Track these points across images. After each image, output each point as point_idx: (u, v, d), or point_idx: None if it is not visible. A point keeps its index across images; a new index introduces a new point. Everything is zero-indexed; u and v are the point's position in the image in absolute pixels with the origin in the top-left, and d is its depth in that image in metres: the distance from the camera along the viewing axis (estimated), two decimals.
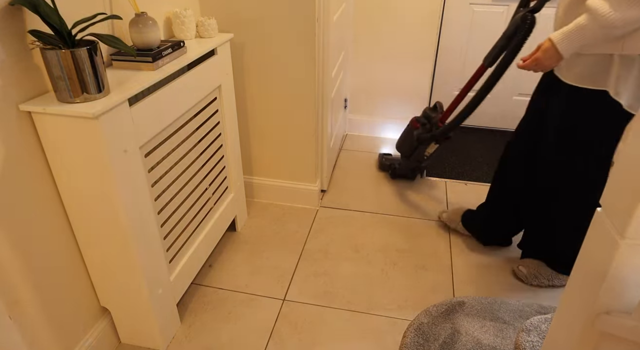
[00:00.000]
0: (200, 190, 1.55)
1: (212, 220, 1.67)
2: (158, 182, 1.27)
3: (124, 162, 1.07)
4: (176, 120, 1.33)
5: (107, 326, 1.36)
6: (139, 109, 1.12)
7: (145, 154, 1.19)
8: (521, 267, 1.69)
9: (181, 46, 1.35)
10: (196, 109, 1.46)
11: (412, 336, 1.40)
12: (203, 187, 1.57)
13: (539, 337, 1.06)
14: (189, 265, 1.51)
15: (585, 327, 0.67)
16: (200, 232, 1.59)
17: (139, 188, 1.15)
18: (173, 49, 1.30)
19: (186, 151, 1.42)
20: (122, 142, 1.06)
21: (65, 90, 0.97)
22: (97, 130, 0.98)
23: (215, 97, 1.58)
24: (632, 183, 0.57)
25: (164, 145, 1.28)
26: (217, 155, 1.66)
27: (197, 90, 1.41)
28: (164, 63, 1.25)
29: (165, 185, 1.31)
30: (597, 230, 0.64)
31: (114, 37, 1.03)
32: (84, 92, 0.98)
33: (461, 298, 1.57)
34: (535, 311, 1.52)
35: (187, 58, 1.33)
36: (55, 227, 1.13)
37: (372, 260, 1.79)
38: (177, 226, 1.41)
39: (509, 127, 2.92)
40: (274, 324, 1.51)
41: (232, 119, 1.73)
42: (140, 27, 1.22)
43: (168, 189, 1.33)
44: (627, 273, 0.60)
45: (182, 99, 1.33)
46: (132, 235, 1.14)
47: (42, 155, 1.06)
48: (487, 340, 1.40)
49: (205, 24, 1.53)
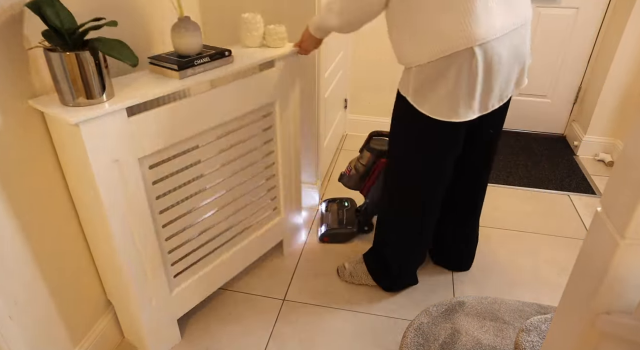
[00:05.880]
0: (227, 211, 1.43)
1: (244, 242, 1.55)
2: (166, 196, 1.21)
3: (113, 171, 1.04)
4: (204, 133, 1.24)
5: (112, 319, 1.39)
6: (145, 119, 1.07)
7: (150, 165, 1.14)
8: (346, 263, 1.70)
9: (225, 55, 1.24)
10: (236, 124, 1.34)
11: (412, 336, 1.40)
12: (232, 209, 1.45)
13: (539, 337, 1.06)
14: (200, 284, 1.43)
15: (585, 327, 0.67)
16: (221, 253, 1.49)
17: (134, 198, 1.11)
18: (212, 58, 1.20)
19: (213, 168, 1.32)
20: (113, 152, 1.02)
21: (62, 93, 0.96)
22: (79, 137, 0.96)
23: (271, 112, 1.44)
24: (632, 183, 0.57)
25: (180, 158, 1.21)
26: (262, 175, 1.51)
27: (239, 103, 1.30)
28: (196, 72, 1.17)
29: (174, 200, 1.24)
30: (597, 230, 0.64)
31: (118, 42, 0.98)
32: (80, 97, 0.96)
33: (461, 298, 1.57)
34: (535, 311, 1.52)
35: (226, 69, 1.22)
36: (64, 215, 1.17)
37: None
38: (190, 243, 1.34)
39: (509, 127, 2.92)
40: (274, 324, 1.51)
41: (290, 138, 1.55)
42: (183, 32, 1.16)
43: (179, 204, 1.26)
44: (627, 273, 0.60)
45: (215, 111, 1.23)
46: (119, 241, 1.11)
47: (52, 149, 1.11)
48: (487, 340, 1.40)
49: (271, 32, 1.38)
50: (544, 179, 2.40)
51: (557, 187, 2.33)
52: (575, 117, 2.80)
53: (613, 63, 2.37)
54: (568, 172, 2.48)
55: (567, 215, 2.11)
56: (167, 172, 1.19)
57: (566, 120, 2.85)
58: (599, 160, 2.60)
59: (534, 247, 1.89)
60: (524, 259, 1.82)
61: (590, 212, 2.13)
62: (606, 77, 2.42)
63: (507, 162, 2.56)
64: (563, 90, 2.75)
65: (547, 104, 2.80)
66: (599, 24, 2.53)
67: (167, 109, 1.11)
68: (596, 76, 2.56)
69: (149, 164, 1.14)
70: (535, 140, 2.82)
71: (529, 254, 1.85)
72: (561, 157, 2.64)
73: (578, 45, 2.60)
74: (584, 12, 2.51)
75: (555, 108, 2.82)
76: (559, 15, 2.54)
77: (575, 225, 2.04)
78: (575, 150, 2.69)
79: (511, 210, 2.13)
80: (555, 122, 2.87)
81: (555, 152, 2.69)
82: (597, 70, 2.55)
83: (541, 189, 2.31)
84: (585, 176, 2.44)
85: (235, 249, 1.53)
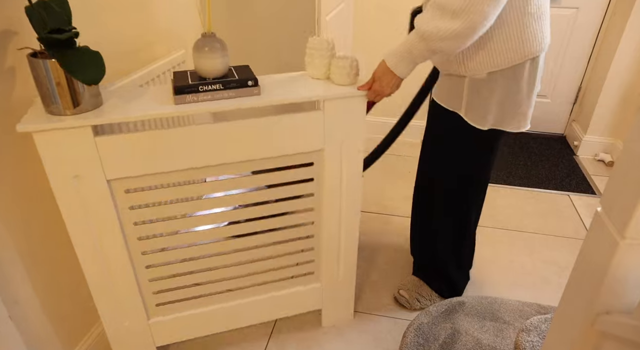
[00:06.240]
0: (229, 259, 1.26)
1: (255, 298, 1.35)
2: (147, 224, 1.12)
3: (74, 187, 1.00)
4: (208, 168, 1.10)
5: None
6: (114, 141, 0.98)
7: (126, 190, 1.06)
8: (402, 291, 1.57)
9: (247, 85, 1.04)
10: (257, 166, 1.14)
11: (412, 336, 1.40)
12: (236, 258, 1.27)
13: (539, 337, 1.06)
14: (191, 322, 1.31)
15: (585, 327, 0.67)
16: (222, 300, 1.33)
17: (100, 217, 1.05)
18: (226, 85, 1.02)
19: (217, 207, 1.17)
20: (74, 167, 0.98)
21: (40, 98, 0.94)
22: (36, 145, 0.94)
23: (312, 163, 1.18)
24: (632, 183, 0.57)
25: (170, 189, 1.10)
26: (292, 231, 1.28)
27: (259, 144, 1.10)
28: (199, 100, 1.01)
29: (158, 231, 1.15)
30: (597, 230, 0.64)
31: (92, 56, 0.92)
32: (50, 106, 0.93)
33: (461, 298, 1.57)
34: (535, 311, 1.52)
35: (241, 102, 1.02)
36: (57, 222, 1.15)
37: (373, 258, 1.79)
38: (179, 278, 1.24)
39: None
40: (274, 324, 1.51)
41: (338, 197, 1.25)
42: (206, 51, 1.00)
43: (163, 236, 1.16)
44: (627, 273, 0.60)
45: (224, 147, 1.07)
46: (81, 253, 1.08)
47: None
48: (487, 340, 1.40)
49: (336, 65, 1.11)
50: (543, 179, 2.40)
51: (557, 187, 2.33)
52: (575, 117, 2.80)
53: (613, 63, 2.37)
54: (568, 172, 2.48)
55: (567, 215, 2.11)
56: (151, 201, 1.09)
57: (566, 120, 2.85)
58: (599, 160, 2.60)
59: (534, 247, 1.89)
60: (524, 259, 1.82)
61: (590, 212, 2.13)
62: (606, 77, 2.42)
63: (507, 162, 2.56)
64: (563, 90, 2.75)
65: (547, 103, 2.80)
66: (599, 24, 2.53)
67: (146, 136, 1.00)
68: (596, 76, 2.56)
69: (124, 188, 1.05)
70: (535, 140, 2.82)
71: (529, 254, 1.85)
72: (561, 157, 2.64)
73: (578, 45, 2.60)
74: (584, 12, 2.51)
75: (556, 108, 2.82)
76: (559, 15, 2.54)
77: (575, 225, 2.04)
78: (575, 150, 2.69)
79: (511, 210, 2.13)
80: (555, 122, 2.87)
81: (555, 152, 2.69)
82: (597, 70, 2.55)
83: (541, 189, 2.31)
84: (585, 176, 2.44)
85: (242, 301, 1.34)
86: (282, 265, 1.32)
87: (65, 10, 0.92)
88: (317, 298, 1.42)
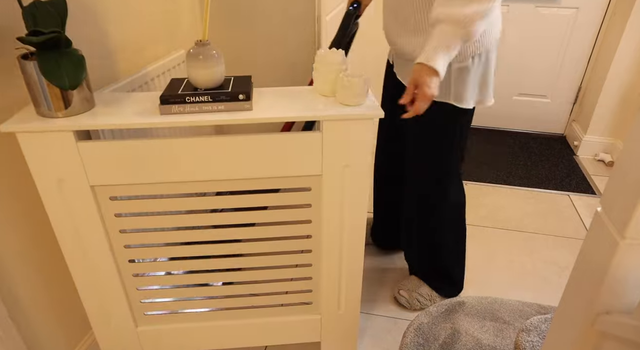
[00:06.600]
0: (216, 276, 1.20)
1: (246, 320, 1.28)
2: (133, 233, 1.09)
3: (58, 190, 0.99)
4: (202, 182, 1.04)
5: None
6: (96, 147, 0.95)
7: (111, 197, 1.03)
8: (402, 291, 1.57)
9: (238, 99, 0.96)
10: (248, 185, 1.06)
11: (412, 336, 1.40)
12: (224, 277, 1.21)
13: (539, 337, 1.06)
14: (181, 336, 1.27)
15: (585, 327, 0.67)
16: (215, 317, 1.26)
17: (84, 222, 1.04)
18: (216, 98, 0.96)
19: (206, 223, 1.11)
20: (57, 171, 0.96)
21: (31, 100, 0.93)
22: (20, 146, 0.93)
23: (310, 187, 1.09)
24: (632, 183, 0.57)
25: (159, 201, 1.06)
26: (287, 258, 1.20)
27: (248, 163, 1.02)
28: (185, 111, 0.95)
29: (146, 240, 1.11)
30: (597, 230, 0.64)
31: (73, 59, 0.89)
32: (40, 107, 0.92)
33: (461, 298, 1.57)
34: (535, 311, 1.52)
35: (228, 117, 0.95)
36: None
37: (373, 259, 1.79)
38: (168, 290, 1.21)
39: (509, 127, 2.92)
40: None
41: (339, 226, 1.13)
42: (199, 60, 0.95)
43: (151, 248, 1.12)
44: (627, 273, 0.60)
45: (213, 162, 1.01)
46: (67, 252, 1.07)
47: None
48: (487, 340, 1.40)
49: (342, 83, 0.99)
50: (543, 179, 2.40)
51: (557, 187, 2.33)
52: (575, 117, 2.80)
53: (613, 63, 2.37)
54: (568, 172, 2.48)
55: (567, 215, 2.11)
56: (137, 210, 1.06)
57: (566, 120, 2.85)
58: (599, 160, 2.60)
59: (534, 247, 1.89)
60: (524, 259, 1.82)
61: (590, 212, 2.13)
62: (606, 77, 2.42)
63: (507, 162, 2.57)
64: (563, 90, 2.75)
65: (547, 103, 2.80)
66: (599, 24, 2.53)
67: (129, 144, 0.97)
68: (596, 76, 2.56)
69: (109, 195, 1.03)
70: (535, 140, 2.82)
71: (529, 254, 1.85)
72: (561, 157, 2.64)
73: (578, 45, 2.60)
74: (584, 12, 2.51)
75: (555, 108, 2.82)
76: (559, 15, 2.54)
77: (575, 225, 2.04)
78: (575, 150, 2.69)
79: (511, 210, 2.13)
80: (555, 122, 2.87)
81: (555, 152, 2.69)
82: (597, 70, 2.56)
83: (541, 189, 2.31)
84: (585, 176, 2.44)
85: (233, 322, 1.28)
86: (275, 290, 1.24)
87: (60, 11, 0.90)
88: (315, 330, 1.32)
